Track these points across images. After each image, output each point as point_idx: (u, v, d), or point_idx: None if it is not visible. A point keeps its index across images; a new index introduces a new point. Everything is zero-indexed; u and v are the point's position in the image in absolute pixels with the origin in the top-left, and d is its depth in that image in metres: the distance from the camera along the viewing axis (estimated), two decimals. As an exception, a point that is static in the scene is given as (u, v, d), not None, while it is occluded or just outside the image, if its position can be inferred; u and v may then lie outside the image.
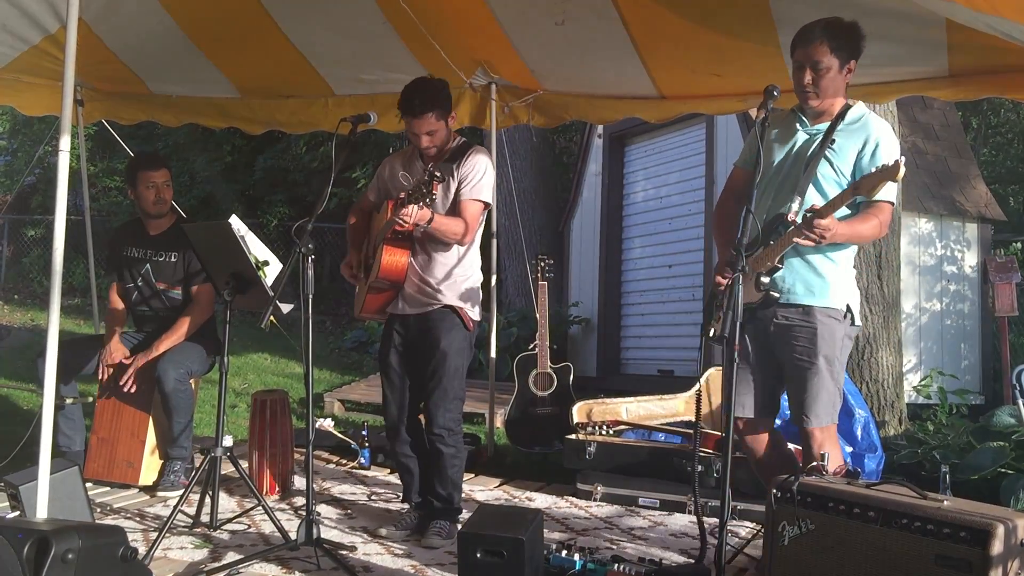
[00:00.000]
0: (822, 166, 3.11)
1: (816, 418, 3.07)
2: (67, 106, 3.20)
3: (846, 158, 3.11)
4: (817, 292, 3.12)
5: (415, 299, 3.70)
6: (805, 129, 3.21)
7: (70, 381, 4.39)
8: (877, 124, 3.15)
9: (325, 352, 9.81)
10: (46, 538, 2.44)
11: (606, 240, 8.80)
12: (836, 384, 3.11)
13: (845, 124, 3.15)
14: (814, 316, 3.10)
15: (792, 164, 3.19)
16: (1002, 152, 11.43)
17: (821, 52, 3.07)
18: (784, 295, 3.13)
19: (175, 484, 4.27)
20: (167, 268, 4.47)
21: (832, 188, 3.10)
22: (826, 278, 3.12)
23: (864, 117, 3.18)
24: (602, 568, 3.07)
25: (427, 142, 3.64)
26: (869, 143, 3.10)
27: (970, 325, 7.16)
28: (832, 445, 3.12)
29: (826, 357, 3.08)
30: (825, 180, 3.12)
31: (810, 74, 3.09)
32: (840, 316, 3.13)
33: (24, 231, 13.71)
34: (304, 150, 12.70)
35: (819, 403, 3.07)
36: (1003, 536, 2.40)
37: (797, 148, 3.20)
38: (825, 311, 3.10)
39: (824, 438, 3.09)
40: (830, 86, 3.11)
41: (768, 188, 3.22)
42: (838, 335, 3.11)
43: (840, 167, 3.11)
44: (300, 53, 4.91)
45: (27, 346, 8.66)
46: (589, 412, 4.91)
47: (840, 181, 3.11)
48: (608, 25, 4.24)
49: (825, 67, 3.07)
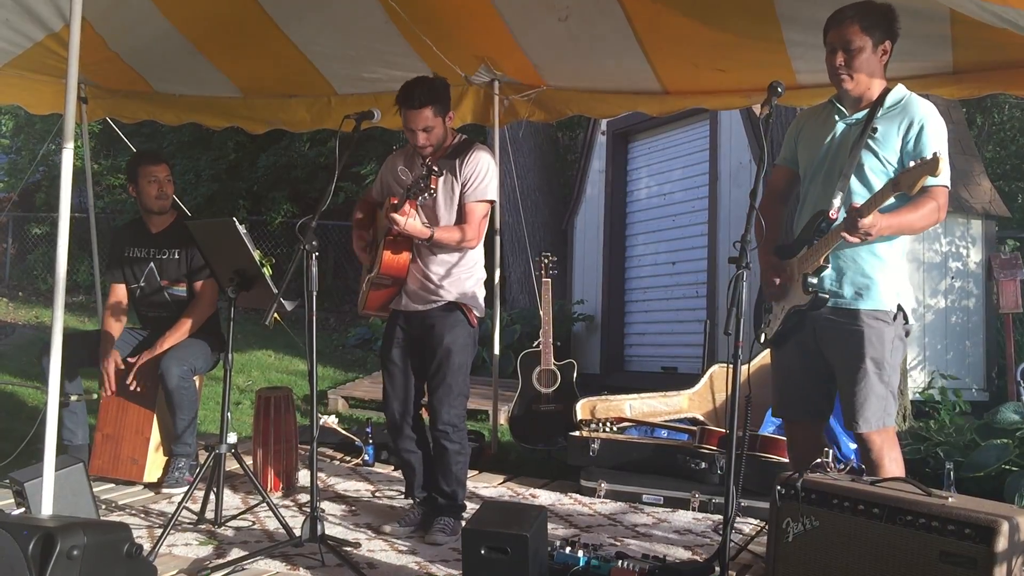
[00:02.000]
0: (865, 157, 3.00)
1: (865, 422, 2.98)
2: (71, 103, 3.20)
3: (891, 146, 2.98)
4: (865, 294, 3.02)
5: (418, 295, 3.70)
6: (844, 120, 3.09)
7: (74, 378, 4.40)
8: (921, 105, 3.01)
9: (329, 349, 9.82)
10: (51, 535, 2.45)
11: (610, 237, 8.80)
12: (887, 387, 3.01)
13: (885, 109, 3.02)
14: (861, 319, 3.00)
15: (834, 158, 3.08)
16: (1006, 149, 11.39)
17: (852, 32, 2.98)
18: (832, 298, 3.03)
19: (180, 481, 4.28)
20: (171, 265, 4.47)
21: (878, 179, 2.98)
22: (874, 278, 3.02)
23: (906, 99, 3.04)
24: (606, 565, 3.07)
25: (423, 139, 3.61)
26: (913, 127, 2.97)
27: (974, 322, 7.14)
28: (891, 448, 3.03)
29: (874, 360, 2.98)
30: (872, 171, 3.00)
31: (842, 56, 3.00)
32: (889, 318, 3.02)
33: (29, 229, 13.74)
34: (308, 146, 12.70)
35: (868, 407, 2.98)
36: (1007, 533, 2.39)
37: (837, 140, 3.08)
38: (872, 313, 3.00)
39: (883, 442, 3.00)
40: (864, 67, 3.00)
41: (811, 185, 3.13)
42: (887, 337, 3.00)
43: (886, 156, 2.99)
44: (301, 53, 4.91)
45: (31, 343, 8.68)
46: (593, 409, 4.91)
47: (887, 171, 2.98)
48: (612, 20, 4.24)
49: (857, 47, 2.98)
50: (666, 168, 8.44)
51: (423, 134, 3.61)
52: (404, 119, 3.63)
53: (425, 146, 3.64)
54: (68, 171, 3.15)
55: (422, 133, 3.61)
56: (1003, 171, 10.81)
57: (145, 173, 4.45)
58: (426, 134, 3.62)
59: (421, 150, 3.66)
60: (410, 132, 3.64)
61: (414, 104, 3.57)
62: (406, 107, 3.59)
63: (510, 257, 9.61)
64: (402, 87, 3.64)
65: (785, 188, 3.35)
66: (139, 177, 4.46)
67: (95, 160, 12.45)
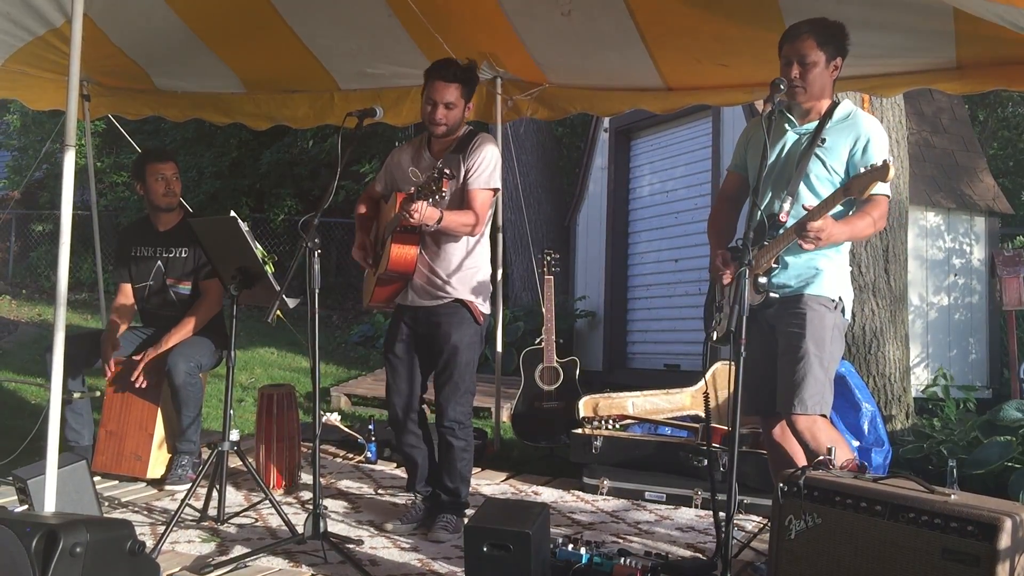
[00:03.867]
0: (814, 165, 3.14)
1: (800, 404, 3.01)
2: (73, 101, 3.20)
3: (838, 156, 3.13)
4: (810, 281, 3.14)
5: (425, 291, 3.69)
6: (794, 129, 3.24)
7: (78, 376, 4.40)
8: (867, 121, 3.17)
9: (331, 347, 9.82)
10: (54, 532, 2.45)
11: (612, 234, 8.79)
12: (826, 374, 3.07)
13: (834, 122, 3.17)
14: (804, 302, 3.11)
15: (784, 164, 3.21)
16: (1010, 146, 11.37)
17: (808, 47, 3.10)
18: (779, 290, 3.15)
19: (183, 478, 4.29)
20: (178, 263, 4.48)
21: (825, 187, 3.12)
22: (820, 268, 3.15)
23: (853, 113, 3.20)
24: (608, 562, 3.07)
25: (442, 114, 3.58)
26: (860, 140, 3.12)
27: (977, 319, 7.14)
28: (828, 432, 3.05)
29: (815, 342, 3.06)
30: (818, 179, 3.14)
31: (797, 68, 3.12)
32: (831, 305, 3.13)
33: (32, 226, 13.76)
34: (311, 144, 12.71)
35: (805, 388, 3.01)
36: (1011, 530, 2.39)
37: (788, 148, 3.23)
38: (816, 299, 3.12)
39: (816, 429, 3.02)
40: (817, 81, 3.13)
41: (762, 189, 3.22)
42: (828, 323, 3.11)
43: (832, 165, 3.13)
44: (306, 47, 4.90)
45: (35, 340, 8.70)
46: (595, 406, 4.91)
47: (833, 179, 3.12)
48: (614, 15, 4.23)
49: (812, 62, 3.10)
50: (668, 165, 8.43)
51: (443, 109, 3.58)
52: (430, 90, 3.59)
53: (441, 123, 3.60)
54: (70, 169, 3.15)
55: (443, 108, 3.58)
56: (1007, 168, 10.79)
57: (152, 171, 4.45)
58: (447, 110, 3.59)
59: (435, 127, 3.61)
60: (431, 105, 3.59)
61: (447, 76, 3.57)
62: (437, 77, 3.57)
63: (513, 254, 9.61)
64: (436, 62, 3.66)
65: (736, 193, 3.49)
66: (146, 175, 4.47)
67: (98, 158, 12.45)
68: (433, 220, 3.46)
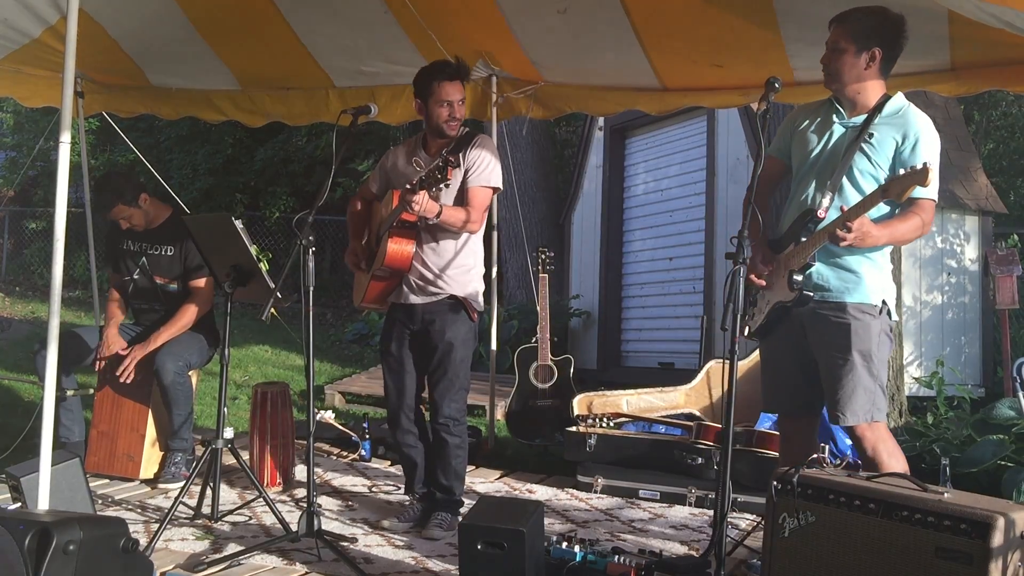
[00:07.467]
0: (858, 160, 3.03)
1: (852, 415, 2.99)
2: (67, 97, 3.19)
3: (884, 152, 3.01)
4: (852, 288, 3.04)
5: (420, 288, 3.69)
6: (842, 121, 3.11)
7: (70, 373, 4.40)
8: (918, 118, 3.03)
9: (326, 344, 9.81)
10: (47, 529, 2.44)
11: (607, 233, 8.80)
12: (875, 380, 3.01)
13: (883, 116, 3.04)
14: (848, 312, 3.02)
15: (828, 157, 3.10)
16: (1003, 145, 11.40)
17: (837, 33, 3.03)
18: (818, 292, 3.05)
19: (176, 476, 4.28)
20: (163, 261, 4.46)
21: (869, 184, 3.01)
22: (860, 273, 3.04)
23: (904, 109, 3.06)
24: (602, 560, 3.08)
25: (458, 112, 3.61)
26: (909, 138, 2.99)
27: (971, 318, 7.15)
28: (886, 442, 3.02)
29: (862, 353, 2.99)
30: (862, 175, 3.03)
31: (827, 55, 3.05)
32: (875, 312, 3.04)
33: (26, 224, 13.72)
34: (305, 141, 12.69)
35: (855, 400, 2.98)
36: (1003, 528, 2.39)
37: (833, 141, 3.11)
38: (859, 307, 3.02)
39: (876, 437, 3.00)
40: (843, 70, 3.04)
41: (802, 181, 3.14)
42: (874, 331, 3.02)
43: (878, 161, 3.02)
44: (302, 43, 4.89)
45: (28, 338, 8.67)
46: (590, 404, 4.92)
47: (878, 176, 3.02)
48: (610, 14, 4.23)
49: (839, 49, 3.02)
50: (663, 164, 8.44)
51: (458, 107, 3.61)
52: (440, 93, 3.59)
53: (458, 120, 3.63)
54: (65, 165, 3.14)
55: (457, 106, 3.61)
56: (1000, 167, 10.81)
57: (115, 215, 4.39)
58: (461, 107, 3.62)
59: (453, 126, 3.64)
60: (446, 106, 3.60)
61: (453, 75, 3.58)
62: (444, 78, 3.58)
63: (507, 252, 9.61)
64: (434, 63, 3.67)
65: (774, 178, 3.37)
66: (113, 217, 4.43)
67: (92, 155, 12.41)
68: (433, 213, 3.45)
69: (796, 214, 3.13)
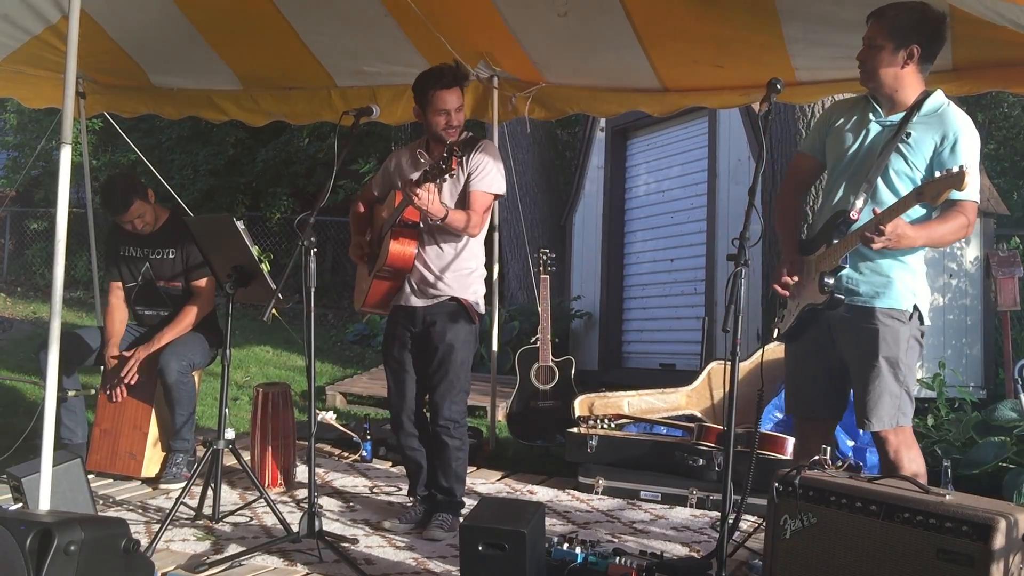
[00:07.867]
0: (895, 161, 2.96)
1: (878, 420, 2.96)
2: (69, 98, 3.19)
3: (922, 153, 2.94)
4: (882, 293, 2.99)
5: (421, 291, 3.69)
6: (878, 119, 3.04)
7: (72, 373, 4.40)
8: (958, 118, 2.94)
9: (327, 345, 9.82)
10: (49, 530, 2.45)
11: (608, 234, 8.80)
12: (902, 386, 2.98)
13: (921, 115, 2.96)
14: (877, 318, 2.97)
15: (864, 157, 3.03)
16: (1005, 146, 11.39)
17: (875, 29, 2.96)
18: (848, 296, 3.00)
19: (177, 476, 4.28)
20: (166, 264, 4.46)
21: (905, 185, 2.94)
22: (892, 277, 2.99)
23: (943, 108, 2.97)
24: (603, 561, 3.07)
25: (456, 120, 3.58)
26: (948, 138, 2.91)
27: (972, 319, 7.14)
28: (909, 447, 3.01)
29: (888, 359, 2.95)
30: (897, 176, 2.96)
31: (863, 51, 2.99)
32: (905, 317, 2.99)
33: (27, 224, 13.73)
34: (307, 142, 12.69)
35: (881, 406, 2.96)
36: (1005, 530, 2.39)
37: (870, 140, 3.03)
38: (888, 312, 2.97)
39: (900, 442, 2.99)
40: (879, 68, 2.96)
41: (836, 181, 3.09)
42: (903, 336, 2.97)
43: (914, 162, 2.94)
44: (303, 43, 4.89)
45: (29, 338, 8.68)
46: (591, 405, 4.92)
47: (915, 176, 2.95)
48: (611, 16, 4.23)
49: (876, 46, 2.95)
50: (665, 165, 8.44)
51: (455, 115, 3.58)
52: (436, 102, 3.57)
53: (456, 128, 3.60)
54: (66, 166, 3.14)
55: (454, 114, 3.58)
56: (1002, 168, 10.80)
57: (121, 220, 4.38)
58: (457, 115, 3.59)
59: (451, 133, 3.60)
60: (443, 114, 3.58)
61: (449, 83, 3.55)
62: (440, 87, 3.55)
63: (508, 253, 9.60)
64: (430, 70, 3.62)
65: (808, 176, 3.32)
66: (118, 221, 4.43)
67: (94, 156, 12.42)
68: (440, 214, 3.44)
69: (829, 215, 3.08)
